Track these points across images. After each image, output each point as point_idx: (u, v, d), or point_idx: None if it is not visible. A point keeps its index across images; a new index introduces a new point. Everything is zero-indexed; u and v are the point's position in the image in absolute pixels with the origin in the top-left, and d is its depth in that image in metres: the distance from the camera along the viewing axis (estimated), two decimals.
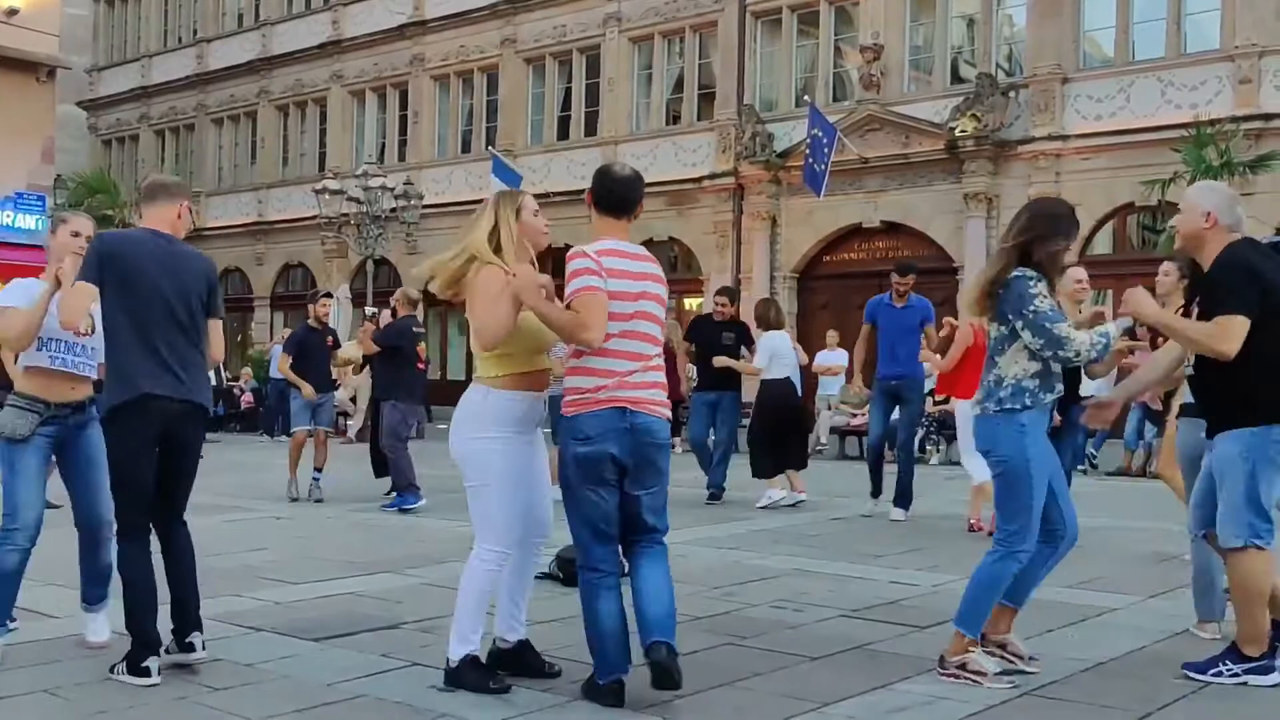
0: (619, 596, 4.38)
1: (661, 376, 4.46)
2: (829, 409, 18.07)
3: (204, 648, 4.71)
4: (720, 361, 10.94)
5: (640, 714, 4.22)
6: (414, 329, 11.02)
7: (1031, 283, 4.57)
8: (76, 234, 5.07)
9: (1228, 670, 4.68)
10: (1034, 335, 4.57)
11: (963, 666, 4.63)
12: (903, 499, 9.88)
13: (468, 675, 4.47)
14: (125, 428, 4.61)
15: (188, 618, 4.71)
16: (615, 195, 4.57)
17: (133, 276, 4.62)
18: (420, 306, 11.47)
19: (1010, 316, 4.61)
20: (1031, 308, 4.55)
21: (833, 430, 18.02)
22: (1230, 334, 4.56)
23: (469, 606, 4.48)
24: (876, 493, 10.14)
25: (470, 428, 4.51)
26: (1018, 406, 4.61)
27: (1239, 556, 4.65)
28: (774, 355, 10.77)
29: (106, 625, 5.16)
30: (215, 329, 4.92)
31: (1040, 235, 4.67)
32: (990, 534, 8.65)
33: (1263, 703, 4.49)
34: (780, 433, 10.73)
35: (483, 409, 4.51)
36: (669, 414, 4.46)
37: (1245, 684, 4.66)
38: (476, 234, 4.56)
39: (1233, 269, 4.67)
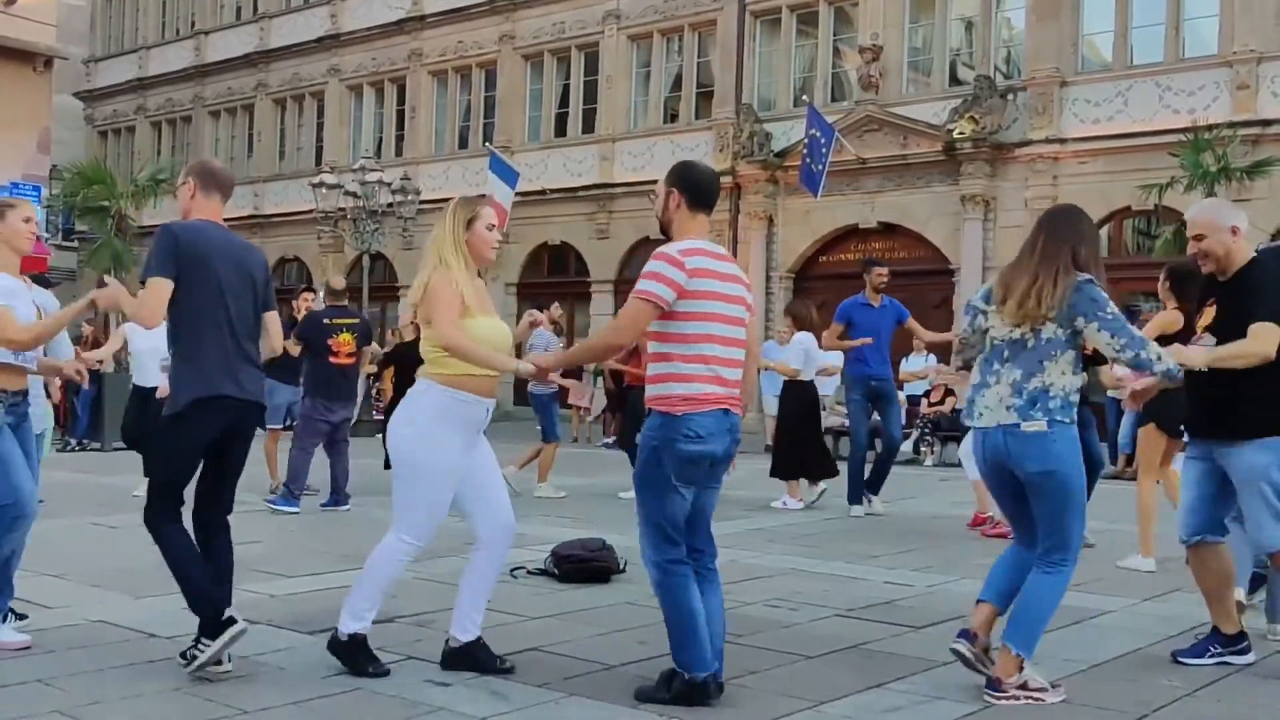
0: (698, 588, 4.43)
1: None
2: (824, 409, 18.04)
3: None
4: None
5: (637, 711, 4.22)
6: (327, 320, 10.39)
7: (1098, 287, 4.42)
8: (29, 219, 5.06)
9: (1216, 653, 4.88)
10: (1114, 336, 4.35)
11: (1024, 686, 4.43)
12: (876, 488, 9.99)
13: (352, 652, 4.57)
14: (194, 423, 4.57)
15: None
16: (706, 190, 4.52)
17: (204, 269, 4.59)
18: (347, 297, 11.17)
19: (1081, 321, 4.37)
20: (1110, 309, 4.37)
21: (827, 431, 18.01)
22: (1271, 339, 4.70)
23: (370, 587, 4.60)
24: (859, 498, 10.10)
25: (404, 417, 4.60)
26: (1067, 420, 4.41)
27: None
28: (807, 355, 10.79)
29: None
30: (273, 321, 4.92)
31: (1089, 241, 4.55)
32: (990, 519, 8.83)
33: (1256, 704, 4.50)
34: (809, 437, 10.75)
35: (422, 401, 4.57)
36: None
37: (1221, 662, 4.86)
38: (445, 244, 4.65)
39: (1267, 277, 4.84)
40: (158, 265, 4.52)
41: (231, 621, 4.45)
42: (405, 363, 11.88)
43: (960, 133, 20.93)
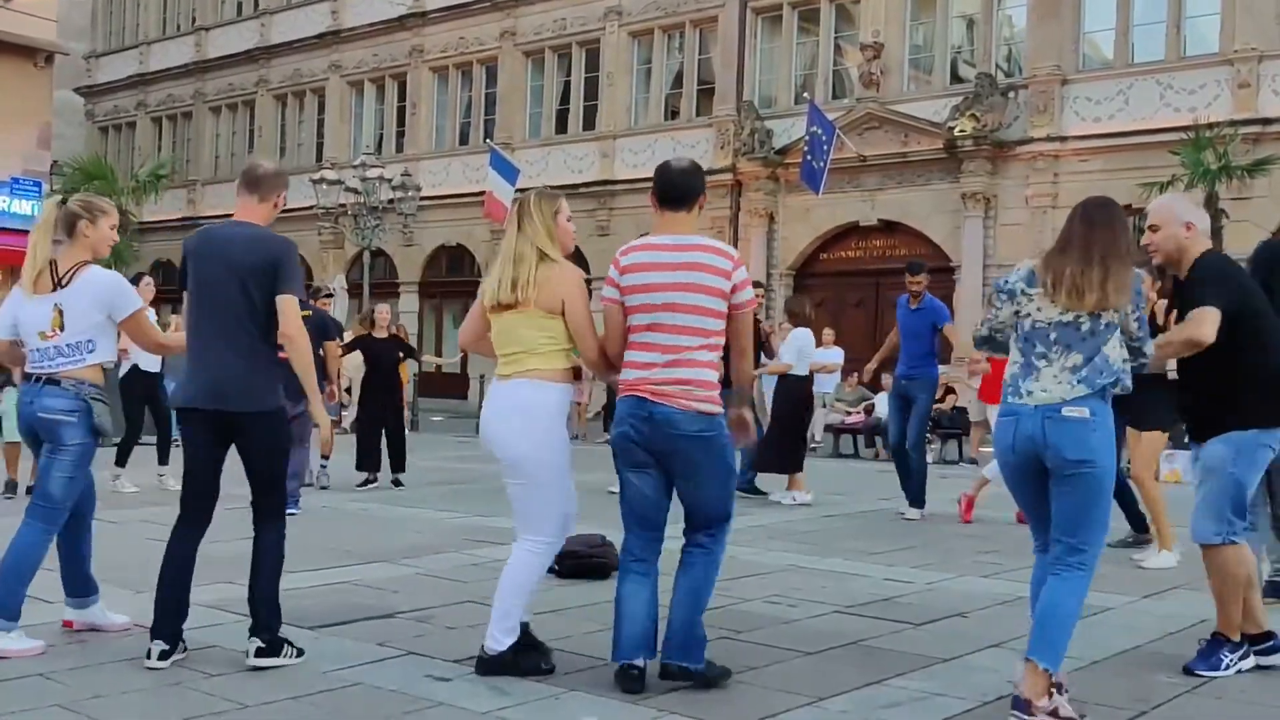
0: (647, 584, 4.46)
1: (700, 370, 4.39)
2: (824, 406, 18.09)
3: (254, 655, 4.61)
4: (773, 368, 10.97)
5: (637, 706, 4.22)
6: None
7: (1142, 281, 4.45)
8: (114, 227, 5.09)
9: (1230, 661, 4.82)
10: (1139, 328, 4.35)
11: (1054, 714, 4.04)
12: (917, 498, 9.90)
13: (519, 660, 4.52)
14: (184, 428, 4.77)
15: (254, 623, 4.68)
16: (668, 189, 4.58)
17: (188, 271, 4.71)
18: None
19: (1129, 308, 4.31)
20: (1142, 303, 4.41)
21: (827, 428, 18.04)
22: (1202, 321, 4.67)
23: (516, 598, 4.54)
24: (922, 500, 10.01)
25: (541, 424, 4.49)
26: (1116, 389, 4.30)
27: (1217, 551, 4.83)
28: (801, 351, 10.75)
29: (108, 612, 5.16)
30: (281, 304, 4.62)
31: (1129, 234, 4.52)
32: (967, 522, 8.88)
33: (1253, 701, 4.51)
34: (800, 431, 10.72)
35: (543, 402, 4.51)
36: (706, 406, 4.38)
37: (1239, 671, 4.80)
38: (541, 238, 4.57)
39: (1210, 268, 4.85)
40: (179, 279, 4.78)
41: (149, 655, 4.54)
42: (380, 360, 11.79)
43: (961, 130, 20.94)
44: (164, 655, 4.54)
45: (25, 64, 25.37)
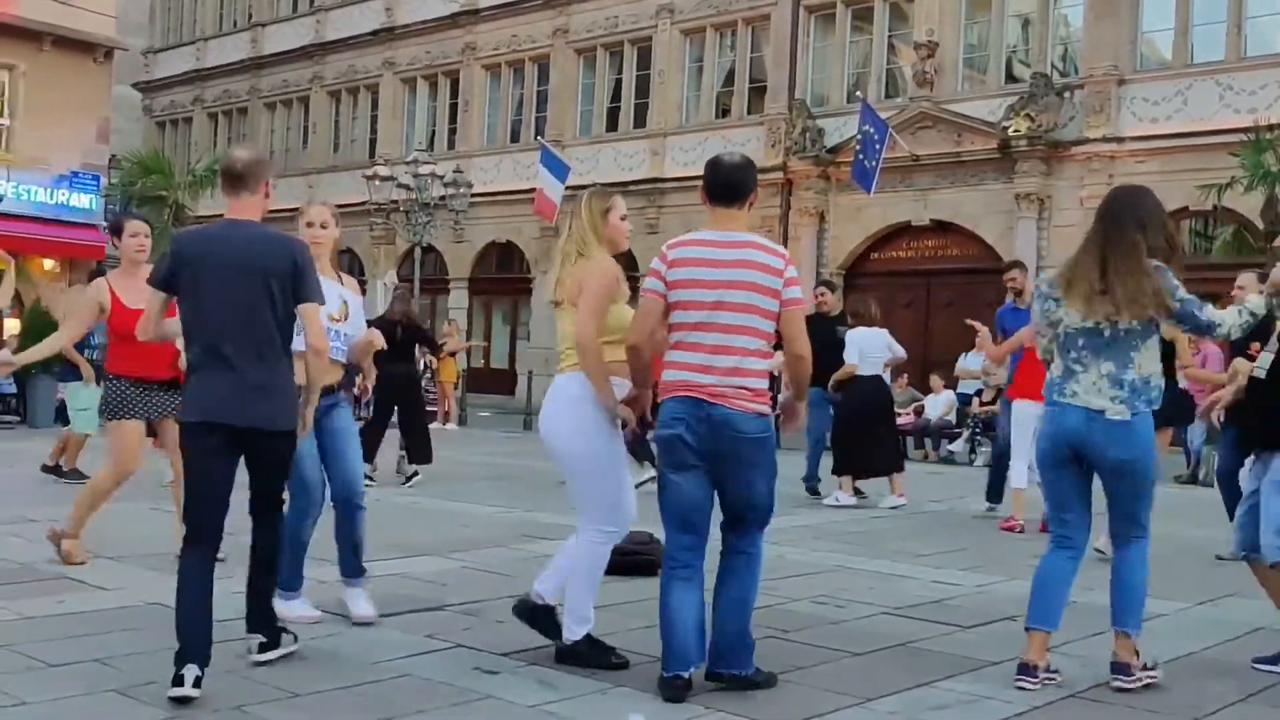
0: (692, 591, 4.39)
1: (756, 379, 4.35)
2: None
3: (258, 650, 4.54)
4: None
5: (683, 704, 4.22)
6: None
7: (1170, 273, 4.48)
8: (311, 224, 5.25)
9: None
10: (1180, 321, 4.55)
11: (1144, 667, 4.57)
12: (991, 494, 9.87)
13: (589, 652, 4.59)
14: (193, 444, 4.31)
15: (253, 619, 4.57)
16: (714, 186, 4.53)
17: (191, 274, 4.32)
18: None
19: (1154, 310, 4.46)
20: (1180, 294, 4.45)
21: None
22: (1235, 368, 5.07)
23: (584, 587, 4.62)
24: (996, 498, 10.00)
25: (579, 416, 4.56)
26: (1156, 408, 4.54)
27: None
28: (862, 351, 10.63)
29: (369, 602, 5.29)
30: (306, 313, 4.41)
31: (1153, 224, 4.54)
32: (1021, 530, 8.74)
33: None
34: (866, 433, 10.53)
35: (569, 395, 4.59)
36: (761, 407, 4.35)
37: None
38: (586, 237, 4.66)
39: None
40: (151, 275, 4.56)
41: (180, 682, 4.04)
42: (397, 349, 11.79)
43: (1015, 130, 20.76)
44: (198, 683, 4.06)
45: (84, 59, 25.76)
